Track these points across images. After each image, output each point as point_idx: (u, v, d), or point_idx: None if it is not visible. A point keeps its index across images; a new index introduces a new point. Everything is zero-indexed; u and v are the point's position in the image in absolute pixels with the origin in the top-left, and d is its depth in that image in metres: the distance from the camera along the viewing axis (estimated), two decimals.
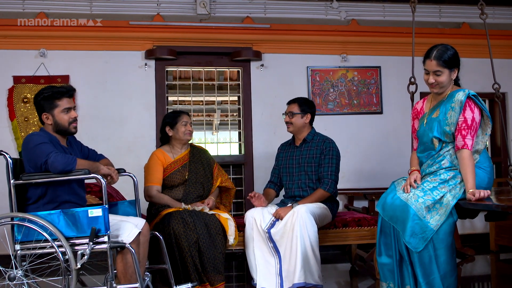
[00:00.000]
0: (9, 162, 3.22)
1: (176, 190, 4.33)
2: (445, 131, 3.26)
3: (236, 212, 5.96)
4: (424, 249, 3.09)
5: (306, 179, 4.36)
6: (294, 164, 4.44)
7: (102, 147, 5.30)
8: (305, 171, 4.37)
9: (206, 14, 5.85)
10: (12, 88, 5.52)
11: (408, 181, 3.28)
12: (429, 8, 6.25)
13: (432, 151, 3.34)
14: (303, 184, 4.37)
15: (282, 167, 4.53)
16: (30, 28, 5.54)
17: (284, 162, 4.52)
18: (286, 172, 4.48)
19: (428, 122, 3.37)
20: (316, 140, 4.43)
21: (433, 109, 3.38)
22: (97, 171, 3.29)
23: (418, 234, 3.09)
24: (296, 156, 4.44)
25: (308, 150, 4.41)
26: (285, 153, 4.55)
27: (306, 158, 4.39)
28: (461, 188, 3.16)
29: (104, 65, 5.71)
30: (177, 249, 3.90)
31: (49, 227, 3.10)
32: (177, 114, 4.43)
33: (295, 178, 4.41)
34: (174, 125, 4.38)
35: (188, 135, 4.40)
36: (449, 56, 3.29)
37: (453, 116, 3.22)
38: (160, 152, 4.42)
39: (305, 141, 4.43)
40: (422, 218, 3.09)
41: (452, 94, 3.28)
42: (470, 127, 3.18)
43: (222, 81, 6.20)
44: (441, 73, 3.29)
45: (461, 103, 3.19)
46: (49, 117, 3.39)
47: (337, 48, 6.11)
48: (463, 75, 6.08)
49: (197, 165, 4.43)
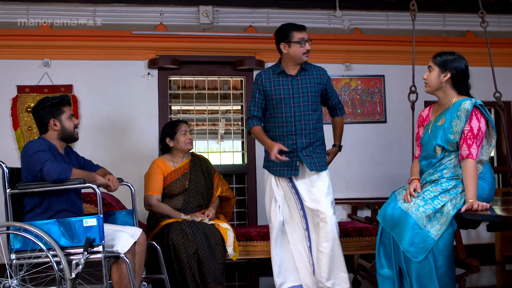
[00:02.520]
0: (5, 172, 3.23)
1: (176, 199, 4.32)
2: (449, 139, 3.22)
3: (239, 222, 5.94)
4: (424, 259, 3.05)
5: (308, 110, 3.91)
6: (293, 95, 3.91)
7: (104, 156, 5.40)
8: (309, 102, 3.91)
9: (209, 24, 5.86)
10: (16, 97, 5.55)
11: (408, 190, 3.25)
12: (433, 17, 6.23)
13: (433, 159, 3.31)
14: (306, 116, 3.91)
15: (275, 97, 3.91)
16: (34, 38, 5.58)
17: (276, 92, 3.92)
18: (281, 104, 3.91)
19: (433, 129, 3.34)
20: (311, 68, 4.00)
21: (439, 117, 3.34)
22: (93, 181, 3.29)
23: (418, 244, 3.05)
24: (293, 85, 3.92)
25: (306, 79, 3.94)
26: (274, 82, 3.95)
27: (308, 87, 3.92)
28: (462, 198, 3.13)
29: (107, 75, 5.73)
30: (176, 260, 3.88)
31: (44, 236, 3.10)
32: (175, 124, 4.44)
33: (295, 109, 3.89)
34: (174, 135, 4.38)
35: (189, 144, 4.40)
36: (446, 58, 3.29)
37: (458, 125, 3.18)
38: (161, 160, 4.42)
39: (304, 69, 3.96)
40: (423, 228, 3.05)
41: (459, 102, 3.24)
42: (476, 136, 3.14)
43: (226, 90, 6.19)
44: (432, 69, 3.32)
45: (467, 112, 3.15)
46: (56, 123, 3.42)
47: (340, 57, 6.10)
48: None
49: (198, 174, 4.42)
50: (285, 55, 3.92)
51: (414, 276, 3.08)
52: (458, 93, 3.31)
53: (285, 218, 3.99)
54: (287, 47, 3.88)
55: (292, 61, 3.92)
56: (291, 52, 3.87)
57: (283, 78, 3.94)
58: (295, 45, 3.85)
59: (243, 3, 5.99)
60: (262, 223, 5.66)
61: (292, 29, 3.89)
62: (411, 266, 3.08)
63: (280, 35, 3.94)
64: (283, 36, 3.90)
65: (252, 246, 4.46)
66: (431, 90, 3.37)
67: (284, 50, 3.90)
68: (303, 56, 3.87)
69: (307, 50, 3.87)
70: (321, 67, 4.06)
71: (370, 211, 5.48)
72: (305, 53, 3.87)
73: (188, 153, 4.52)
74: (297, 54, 3.87)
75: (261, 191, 5.81)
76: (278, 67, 3.97)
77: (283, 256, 3.99)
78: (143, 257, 3.55)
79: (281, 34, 3.93)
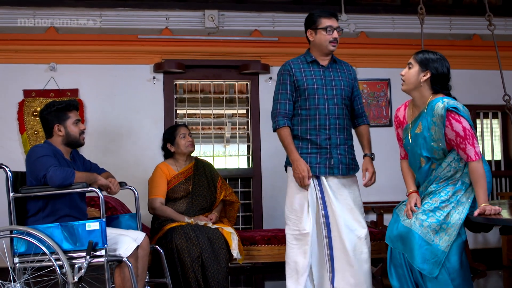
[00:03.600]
0: (9, 176, 3.25)
1: (180, 203, 4.31)
2: (433, 147, 3.10)
3: (244, 226, 5.93)
4: (439, 274, 2.96)
5: (342, 104, 3.63)
6: (326, 86, 3.62)
7: (110, 160, 5.40)
8: (342, 95, 3.64)
9: (214, 28, 5.87)
10: (22, 101, 5.58)
11: (408, 205, 3.14)
12: (440, 20, 6.20)
13: (423, 168, 3.19)
14: (340, 110, 3.62)
15: (307, 88, 3.57)
16: (40, 43, 5.61)
17: (308, 82, 3.59)
18: (314, 95, 3.58)
19: (413, 137, 3.20)
20: (341, 63, 3.80)
21: (415, 122, 3.21)
22: (95, 182, 3.31)
23: (430, 260, 2.95)
24: (325, 76, 3.64)
25: (338, 72, 3.71)
26: (305, 72, 3.63)
27: (340, 80, 3.67)
28: (466, 203, 3.03)
29: (113, 79, 5.75)
30: (180, 264, 3.87)
31: (47, 240, 3.11)
32: (173, 129, 4.45)
33: (328, 102, 3.58)
34: (174, 140, 4.39)
35: (190, 146, 4.39)
36: (429, 56, 3.15)
37: (438, 132, 3.05)
38: (164, 165, 4.42)
39: (335, 61, 3.74)
40: (431, 243, 2.95)
41: (432, 104, 3.09)
42: (465, 137, 2.99)
43: (232, 94, 6.20)
44: (411, 66, 3.19)
45: (442, 117, 3.01)
46: (61, 129, 3.43)
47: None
48: (475, 87, 6.08)
49: (201, 178, 4.42)
50: (312, 44, 3.64)
51: None
52: (433, 93, 3.15)
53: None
54: (313, 34, 3.59)
55: (319, 50, 3.62)
56: (317, 40, 3.58)
57: (314, 68, 3.63)
58: (322, 32, 3.55)
59: (248, 7, 6.00)
60: (267, 227, 5.65)
61: (321, 15, 3.58)
62: (428, 283, 3.00)
63: (307, 22, 3.66)
64: (310, 22, 3.62)
65: (256, 250, 4.43)
66: (408, 89, 3.22)
67: (310, 37, 3.63)
68: (329, 45, 3.56)
69: (334, 38, 3.56)
70: (348, 63, 3.86)
71: (376, 215, 5.44)
72: (332, 41, 3.55)
73: (192, 157, 4.52)
74: (323, 42, 3.56)
75: (267, 195, 5.82)
76: (309, 55, 3.66)
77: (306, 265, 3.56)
78: (146, 261, 3.55)
79: (308, 20, 3.65)
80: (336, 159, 3.58)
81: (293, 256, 3.56)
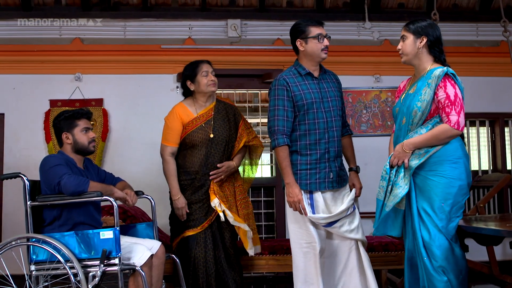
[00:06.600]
0: (26, 184, 3.31)
1: (198, 150, 3.97)
2: (416, 106, 3.09)
3: (267, 235, 5.90)
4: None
5: (337, 115, 3.59)
6: (322, 99, 3.55)
7: (133, 169, 5.46)
8: (337, 107, 3.60)
9: (237, 37, 5.89)
10: (48, 111, 5.68)
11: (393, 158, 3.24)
12: (466, 27, 6.10)
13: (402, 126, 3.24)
14: (336, 122, 3.57)
15: (306, 102, 3.49)
16: (66, 53, 5.72)
17: (306, 96, 3.51)
18: (313, 109, 3.51)
19: (405, 98, 3.24)
20: (328, 71, 3.73)
21: (412, 85, 3.24)
22: (111, 194, 3.33)
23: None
24: (321, 89, 3.58)
25: (329, 82, 3.66)
26: (302, 86, 3.54)
27: (333, 91, 3.63)
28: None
29: (137, 88, 5.81)
30: (192, 277, 3.86)
31: (62, 248, 3.15)
32: (195, 65, 4.01)
33: (326, 115, 3.54)
34: (194, 77, 3.97)
35: (212, 85, 3.97)
36: (420, 24, 3.19)
37: (428, 93, 3.06)
38: (181, 107, 4.04)
39: (324, 71, 3.69)
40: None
41: (432, 70, 3.14)
42: (453, 103, 3.00)
43: (257, 103, 6.20)
44: (406, 38, 3.22)
45: (438, 79, 3.04)
46: (68, 137, 3.48)
47: (370, 69, 6.02)
48: (502, 94, 5.94)
49: (223, 122, 4.03)
50: (302, 53, 3.55)
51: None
52: (434, 60, 3.20)
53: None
54: (303, 43, 3.50)
55: (310, 59, 3.54)
56: (309, 49, 3.50)
57: (309, 81, 3.55)
58: (313, 41, 3.48)
59: (271, 16, 5.99)
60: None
61: (309, 24, 3.51)
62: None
63: (295, 32, 3.56)
64: (299, 32, 3.52)
65: (278, 259, 4.43)
66: (408, 59, 3.26)
67: (300, 47, 3.53)
68: (321, 53, 3.50)
69: (325, 46, 3.50)
70: (332, 71, 3.79)
71: None
72: (323, 49, 3.49)
73: (213, 96, 4.09)
74: (316, 50, 3.49)
75: None
76: (301, 67, 3.57)
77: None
78: (161, 270, 3.56)
79: (296, 30, 3.55)
80: (334, 172, 3.55)
81: (301, 266, 3.52)
